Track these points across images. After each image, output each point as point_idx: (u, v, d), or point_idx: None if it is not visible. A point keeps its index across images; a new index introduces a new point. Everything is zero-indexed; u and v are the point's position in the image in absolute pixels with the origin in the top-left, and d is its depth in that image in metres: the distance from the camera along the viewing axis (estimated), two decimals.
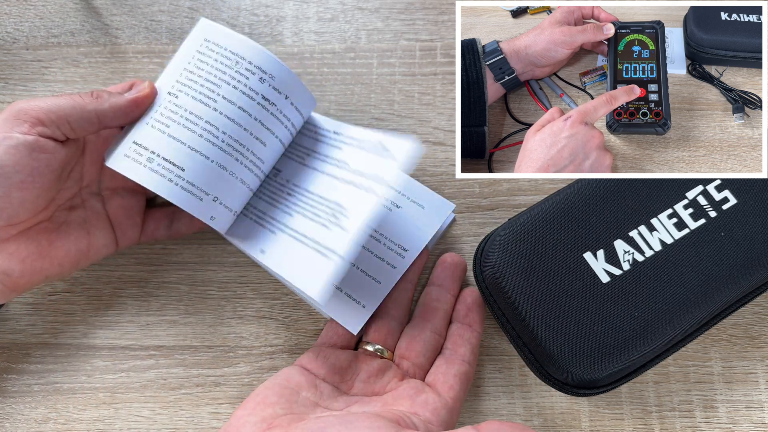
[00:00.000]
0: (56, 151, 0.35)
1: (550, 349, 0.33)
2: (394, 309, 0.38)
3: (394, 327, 0.38)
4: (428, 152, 0.44)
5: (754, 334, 0.40)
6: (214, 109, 0.36)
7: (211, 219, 0.37)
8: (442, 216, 0.40)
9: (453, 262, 0.40)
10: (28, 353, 0.41)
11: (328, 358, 0.36)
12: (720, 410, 0.38)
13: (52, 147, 0.34)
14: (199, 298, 0.41)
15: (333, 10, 0.47)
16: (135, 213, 0.40)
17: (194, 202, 0.36)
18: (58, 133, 0.35)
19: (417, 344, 0.37)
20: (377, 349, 0.37)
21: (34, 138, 0.34)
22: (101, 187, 0.39)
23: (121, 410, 0.39)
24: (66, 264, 0.37)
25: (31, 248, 0.35)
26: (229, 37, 0.36)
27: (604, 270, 0.34)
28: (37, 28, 0.47)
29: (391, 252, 0.39)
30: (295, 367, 0.36)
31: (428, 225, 0.40)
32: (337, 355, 0.37)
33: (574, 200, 0.36)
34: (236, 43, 0.36)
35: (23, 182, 0.34)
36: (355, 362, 0.37)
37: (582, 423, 0.38)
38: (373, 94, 0.45)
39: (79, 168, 0.38)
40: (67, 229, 0.37)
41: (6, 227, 0.34)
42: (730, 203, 0.36)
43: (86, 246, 0.38)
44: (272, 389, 0.33)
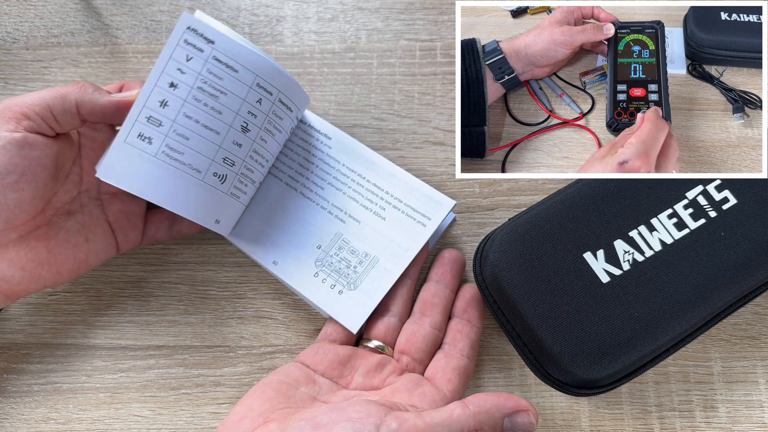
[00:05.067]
0: (46, 146, 0.34)
1: (550, 349, 0.33)
2: (394, 305, 0.39)
3: (394, 323, 0.38)
4: (428, 152, 0.44)
5: (754, 334, 0.40)
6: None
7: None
8: (443, 213, 0.40)
9: (451, 258, 0.40)
10: (28, 353, 0.41)
11: (327, 354, 0.36)
12: (720, 410, 0.38)
13: (42, 143, 0.34)
14: (199, 298, 0.41)
15: (333, 10, 0.47)
16: (136, 216, 0.40)
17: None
18: (45, 127, 0.34)
19: (416, 339, 0.37)
20: (377, 346, 0.37)
21: (21, 135, 0.33)
22: (100, 191, 0.39)
23: (121, 410, 0.39)
24: (64, 272, 0.37)
25: (30, 255, 0.35)
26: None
27: (604, 270, 0.34)
28: (37, 28, 0.47)
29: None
30: (294, 363, 0.36)
31: (428, 222, 0.40)
32: (336, 351, 0.37)
33: (574, 200, 0.36)
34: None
35: (17, 182, 0.33)
36: (354, 357, 0.37)
37: (582, 423, 0.38)
38: (373, 94, 0.45)
39: (77, 171, 0.38)
40: (66, 236, 0.37)
41: (5, 231, 0.34)
42: (730, 203, 0.36)
43: (85, 254, 0.38)
44: (270, 385, 0.33)
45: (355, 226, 0.40)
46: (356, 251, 0.39)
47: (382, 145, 0.44)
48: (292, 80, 0.38)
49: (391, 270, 0.39)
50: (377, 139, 0.44)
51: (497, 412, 0.29)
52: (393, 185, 0.40)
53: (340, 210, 0.40)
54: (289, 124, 0.39)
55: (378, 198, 0.40)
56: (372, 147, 0.44)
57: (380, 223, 0.40)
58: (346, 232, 0.39)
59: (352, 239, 0.39)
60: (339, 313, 0.38)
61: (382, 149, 0.44)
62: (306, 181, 0.41)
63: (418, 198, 0.40)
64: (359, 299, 0.38)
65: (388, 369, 0.36)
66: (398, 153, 0.44)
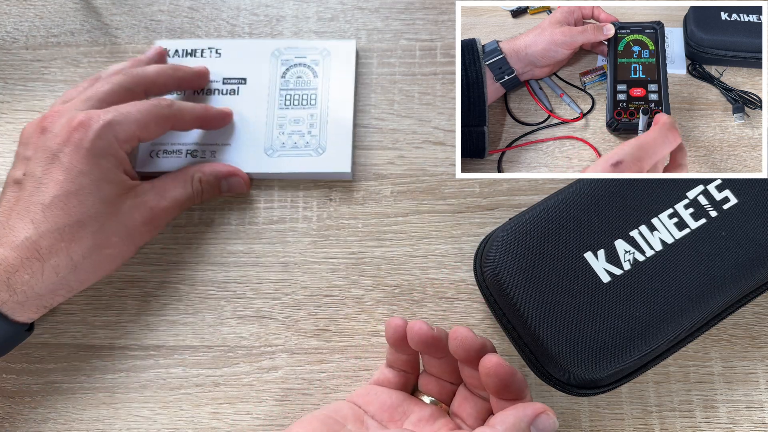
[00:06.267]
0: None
1: (550, 348, 0.33)
2: (447, 372, 0.36)
3: (448, 387, 0.36)
4: (428, 152, 0.44)
5: (755, 334, 0.40)
6: None
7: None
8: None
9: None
10: (27, 353, 0.40)
11: (379, 396, 0.35)
12: (720, 410, 0.38)
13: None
14: (199, 298, 0.41)
15: (333, 10, 0.47)
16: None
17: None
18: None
19: (468, 405, 0.35)
20: (432, 401, 0.36)
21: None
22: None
23: (120, 410, 0.39)
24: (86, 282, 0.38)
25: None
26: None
27: (604, 270, 0.34)
28: (37, 28, 0.47)
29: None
30: (345, 401, 0.35)
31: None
32: (389, 394, 0.35)
33: (575, 200, 0.36)
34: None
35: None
36: (407, 403, 0.35)
37: (582, 423, 0.38)
38: (373, 94, 0.45)
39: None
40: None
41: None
42: (731, 203, 0.36)
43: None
44: (318, 418, 0.33)
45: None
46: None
47: (382, 145, 0.44)
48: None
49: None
50: (377, 139, 0.44)
51: (521, 423, 0.29)
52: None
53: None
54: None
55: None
56: (372, 147, 0.44)
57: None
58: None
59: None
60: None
61: (382, 149, 0.44)
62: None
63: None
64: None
65: (441, 422, 0.34)
66: (398, 153, 0.44)
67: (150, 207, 0.39)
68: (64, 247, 0.35)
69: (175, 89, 0.44)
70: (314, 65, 0.45)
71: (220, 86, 0.45)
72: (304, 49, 0.45)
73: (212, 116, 0.42)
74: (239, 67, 0.45)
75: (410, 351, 0.35)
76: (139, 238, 0.39)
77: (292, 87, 0.44)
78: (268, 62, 0.45)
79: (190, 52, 0.45)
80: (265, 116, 0.44)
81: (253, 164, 0.43)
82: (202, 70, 0.44)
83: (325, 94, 0.44)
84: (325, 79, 0.45)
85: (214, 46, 0.46)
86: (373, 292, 0.41)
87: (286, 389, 0.39)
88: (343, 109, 0.44)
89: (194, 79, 0.44)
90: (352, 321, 0.41)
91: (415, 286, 0.41)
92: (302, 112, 0.44)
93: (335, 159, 0.43)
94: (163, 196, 0.39)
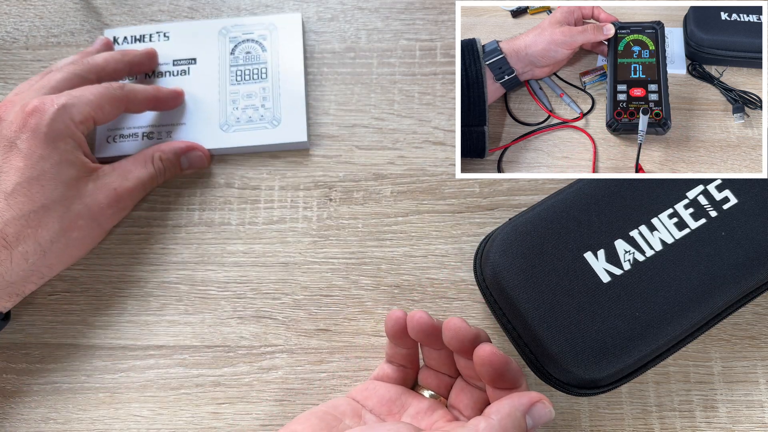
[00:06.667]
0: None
1: (550, 348, 0.33)
2: (447, 365, 0.36)
3: (447, 381, 0.36)
4: (428, 152, 0.44)
5: (755, 334, 0.40)
6: None
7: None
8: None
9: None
10: (27, 353, 0.40)
11: (377, 390, 0.35)
12: (720, 410, 0.38)
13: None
14: (199, 298, 0.41)
15: (333, 10, 0.47)
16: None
17: None
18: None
19: (465, 396, 0.35)
20: (431, 395, 0.36)
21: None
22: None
23: (120, 410, 0.39)
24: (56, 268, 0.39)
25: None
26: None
27: (604, 270, 0.34)
28: (37, 28, 0.47)
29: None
30: (344, 397, 0.36)
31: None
32: (387, 388, 0.36)
33: (575, 200, 0.36)
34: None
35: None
36: (405, 396, 0.35)
37: (582, 423, 0.38)
38: (373, 94, 0.45)
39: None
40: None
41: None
42: (731, 203, 0.36)
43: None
44: (316, 414, 0.33)
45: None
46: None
47: (382, 145, 0.44)
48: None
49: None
50: (377, 139, 0.44)
51: (517, 412, 0.29)
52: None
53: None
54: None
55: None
56: (372, 147, 0.44)
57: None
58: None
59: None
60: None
61: (382, 149, 0.44)
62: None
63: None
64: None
65: (439, 413, 0.34)
66: (398, 153, 0.44)
67: (114, 188, 0.39)
68: (30, 233, 0.35)
69: (127, 74, 0.44)
70: (262, 40, 0.46)
71: (171, 68, 0.45)
72: (250, 26, 0.46)
73: (164, 96, 0.43)
74: (188, 48, 0.46)
75: (409, 345, 0.35)
76: (105, 220, 0.39)
77: (242, 63, 0.45)
78: (216, 41, 0.46)
79: (138, 38, 0.46)
80: (217, 93, 0.45)
81: (210, 141, 0.44)
82: (150, 51, 0.45)
83: (275, 66, 0.45)
84: (274, 53, 0.45)
85: (161, 30, 0.46)
86: (373, 292, 0.41)
87: (286, 389, 0.39)
88: (295, 80, 0.45)
89: (143, 61, 0.44)
90: (352, 321, 0.41)
91: (415, 286, 0.41)
92: (254, 87, 0.45)
93: (291, 129, 0.44)
94: (126, 177, 0.40)
